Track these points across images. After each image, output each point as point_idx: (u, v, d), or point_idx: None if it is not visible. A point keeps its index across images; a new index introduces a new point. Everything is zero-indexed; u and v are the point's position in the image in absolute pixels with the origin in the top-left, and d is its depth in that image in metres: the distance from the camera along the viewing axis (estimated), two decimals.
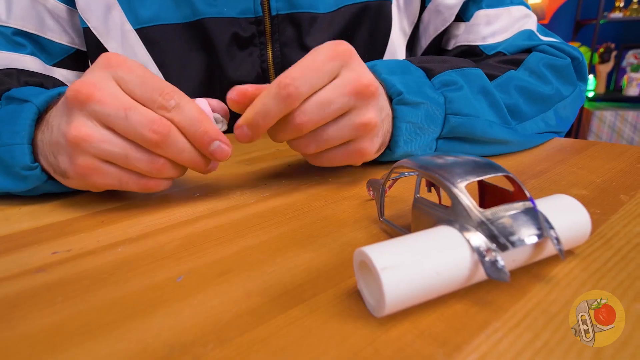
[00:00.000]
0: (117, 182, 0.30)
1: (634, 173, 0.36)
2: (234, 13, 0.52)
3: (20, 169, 0.31)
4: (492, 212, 0.19)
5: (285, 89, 0.28)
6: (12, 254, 0.26)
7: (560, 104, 0.47)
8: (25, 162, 0.31)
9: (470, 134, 0.40)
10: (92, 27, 0.51)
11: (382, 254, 0.17)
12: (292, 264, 0.23)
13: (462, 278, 0.18)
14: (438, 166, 0.22)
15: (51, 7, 0.50)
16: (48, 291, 0.21)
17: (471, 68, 0.43)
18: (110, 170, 0.29)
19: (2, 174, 0.33)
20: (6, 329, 0.18)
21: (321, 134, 0.31)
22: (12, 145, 0.31)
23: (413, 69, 0.41)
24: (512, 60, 0.48)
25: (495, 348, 0.16)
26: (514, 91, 0.44)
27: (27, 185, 0.33)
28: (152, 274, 0.23)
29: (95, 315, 0.19)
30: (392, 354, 0.16)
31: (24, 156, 0.31)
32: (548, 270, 0.21)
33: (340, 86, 0.30)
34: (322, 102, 0.30)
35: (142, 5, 0.51)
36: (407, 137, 0.37)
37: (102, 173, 0.29)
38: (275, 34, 0.53)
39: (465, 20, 0.54)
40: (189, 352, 0.17)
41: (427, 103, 0.38)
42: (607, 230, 0.25)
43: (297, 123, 0.30)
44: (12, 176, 0.32)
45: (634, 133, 2.38)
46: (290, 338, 0.17)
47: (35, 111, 0.32)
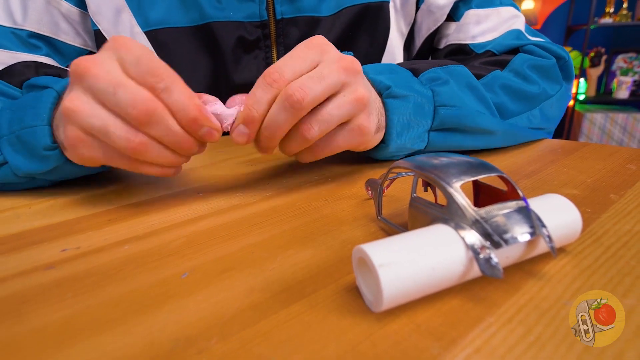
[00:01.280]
0: (101, 155, 0.29)
1: (624, 173, 0.36)
2: (240, 17, 0.52)
3: (42, 150, 0.32)
4: (486, 211, 0.19)
5: (270, 76, 0.30)
6: (23, 251, 0.26)
7: (546, 103, 0.47)
8: (46, 143, 0.32)
9: (461, 124, 0.40)
10: (103, 30, 0.52)
11: (379, 251, 0.17)
12: (293, 261, 0.23)
13: (457, 275, 0.18)
14: (434, 167, 0.22)
15: (65, 11, 0.50)
16: (58, 287, 0.21)
17: (456, 65, 0.43)
18: (94, 143, 0.29)
19: (27, 155, 0.33)
20: (17, 323, 0.18)
21: (321, 112, 0.31)
22: (34, 127, 0.32)
23: (399, 70, 0.41)
24: (498, 61, 0.48)
25: (489, 342, 0.16)
26: (499, 90, 0.44)
27: (48, 166, 0.33)
28: (158, 270, 0.23)
29: (103, 310, 0.19)
30: (389, 348, 0.16)
31: (44, 137, 0.32)
32: (540, 267, 0.21)
33: (328, 64, 0.31)
34: (314, 76, 0.30)
35: (152, 8, 0.51)
36: (399, 130, 0.38)
37: (87, 145, 0.29)
38: (280, 37, 0.53)
39: (456, 20, 0.54)
40: (194, 345, 0.17)
41: (415, 95, 0.38)
42: (597, 228, 0.25)
43: (295, 100, 0.29)
44: (35, 158, 0.33)
45: (624, 135, 2.38)
46: (291, 332, 0.17)
47: (55, 95, 0.33)
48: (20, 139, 0.33)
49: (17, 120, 0.33)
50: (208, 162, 0.45)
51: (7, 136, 0.34)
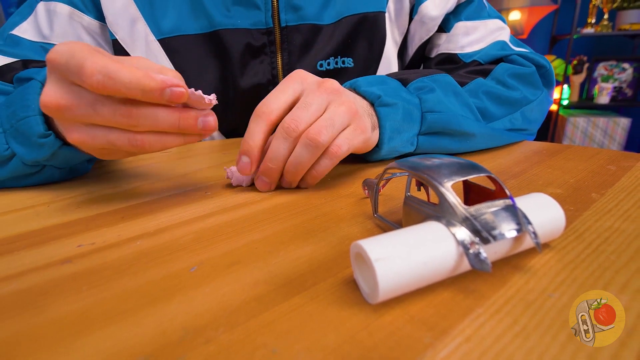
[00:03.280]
0: (106, 142, 0.28)
1: (604, 173, 0.36)
2: (247, 24, 0.52)
3: (37, 138, 0.33)
4: (476, 209, 0.20)
5: (257, 111, 0.32)
6: (42, 246, 0.26)
7: (527, 107, 0.48)
8: (40, 131, 0.32)
9: (447, 128, 0.41)
10: (120, 39, 0.52)
11: (376, 247, 0.17)
12: (294, 255, 0.23)
13: (449, 268, 0.18)
14: (427, 167, 0.22)
15: (86, 24, 0.51)
16: (74, 280, 0.21)
17: (441, 74, 0.44)
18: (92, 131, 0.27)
19: (26, 145, 0.34)
20: (36, 314, 0.18)
21: (322, 118, 0.32)
22: (27, 118, 0.32)
23: (389, 81, 0.42)
24: (482, 70, 0.49)
25: (478, 332, 0.16)
26: (482, 95, 0.45)
27: (45, 152, 0.34)
28: (168, 264, 0.23)
29: (116, 302, 0.19)
30: (385, 337, 0.16)
31: (37, 125, 0.32)
32: (526, 262, 0.21)
33: (310, 91, 0.32)
34: (303, 105, 0.31)
35: (164, 18, 0.52)
36: (390, 134, 0.38)
37: (85, 133, 0.27)
38: (284, 43, 0.54)
39: (447, 31, 0.55)
40: (202, 335, 0.17)
41: (403, 103, 0.39)
42: (579, 225, 0.25)
43: (289, 127, 0.31)
44: (32, 146, 0.33)
45: (604, 137, 2.38)
46: (293, 322, 0.17)
47: (39, 85, 0.33)
48: (19, 131, 0.33)
49: (12, 114, 0.34)
50: (214, 164, 0.45)
51: (9, 130, 0.34)
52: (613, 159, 0.40)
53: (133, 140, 0.28)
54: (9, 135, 0.34)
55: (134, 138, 0.28)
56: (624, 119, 2.32)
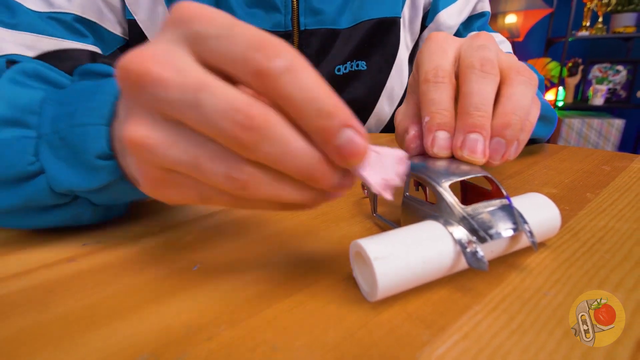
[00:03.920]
0: (196, 195, 0.18)
1: (599, 174, 0.36)
2: (267, 26, 0.51)
3: (94, 157, 0.21)
4: (473, 209, 0.19)
5: (429, 75, 0.26)
6: (48, 245, 0.26)
7: None
8: (101, 149, 0.21)
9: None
10: (139, 20, 0.48)
11: (375, 246, 0.17)
12: (295, 254, 0.23)
13: (446, 267, 0.18)
14: (425, 168, 0.22)
15: None
16: (79, 278, 0.21)
17: None
18: (183, 180, 0.17)
19: (70, 164, 0.22)
20: (43, 311, 0.18)
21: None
22: (86, 126, 0.21)
23: None
24: None
25: (476, 329, 0.16)
26: None
27: (98, 180, 0.22)
28: (171, 263, 0.23)
29: (121, 299, 0.19)
30: (383, 335, 0.16)
31: (99, 139, 0.21)
32: (522, 260, 0.21)
33: (469, 47, 0.27)
34: (477, 46, 0.26)
35: None
36: None
37: (173, 185, 0.17)
38: (302, 46, 0.53)
39: None
40: (205, 331, 0.17)
41: None
42: (574, 224, 0.25)
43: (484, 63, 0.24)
44: (81, 167, 0.22)
45: (599, 138, 2.37)
46: (293, 319, 0.17)
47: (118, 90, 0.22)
48: (66, 141, 0.22)
49: (65, 116, 0.22)
50: None
51: (49, 135, 0.22)
52: (607, 159, 0.40)
53: (240, 205, 0.18)
54: (44, 144, 0.22)
55: (242, 203, 0.18)
56: (618, 120, 2.32)
